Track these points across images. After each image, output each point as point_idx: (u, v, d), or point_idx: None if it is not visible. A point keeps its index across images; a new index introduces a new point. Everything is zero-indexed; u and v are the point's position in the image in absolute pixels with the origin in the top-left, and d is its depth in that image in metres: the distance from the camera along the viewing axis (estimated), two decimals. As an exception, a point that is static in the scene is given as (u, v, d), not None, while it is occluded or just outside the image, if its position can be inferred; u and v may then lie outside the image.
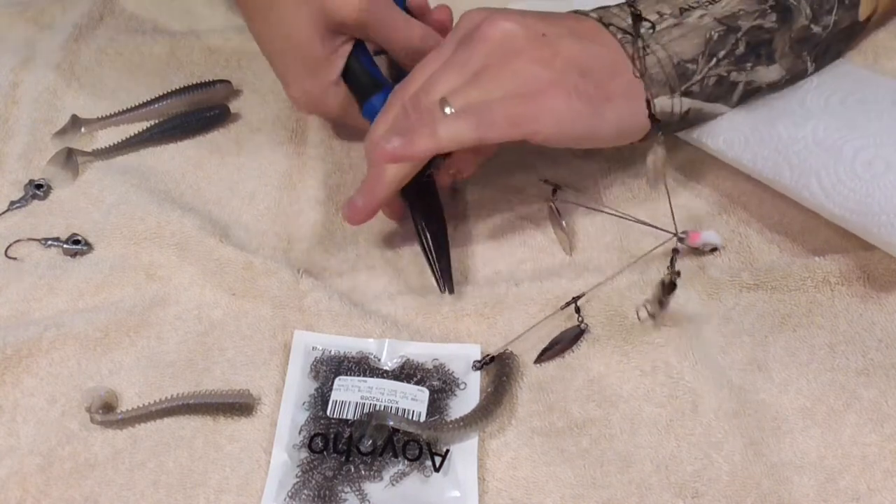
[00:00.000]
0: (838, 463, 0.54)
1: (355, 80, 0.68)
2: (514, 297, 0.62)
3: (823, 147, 0.61)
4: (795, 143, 0.63)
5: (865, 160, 0.60)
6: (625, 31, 0.63)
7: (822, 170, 0.61)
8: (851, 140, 0.61)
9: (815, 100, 0.66)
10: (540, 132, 0.59)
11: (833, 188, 0.61)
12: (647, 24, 0.63)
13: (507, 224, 0.68)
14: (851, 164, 0.60)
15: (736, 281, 0.63)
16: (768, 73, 0.66)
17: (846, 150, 0.61)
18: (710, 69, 0.64)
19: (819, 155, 0.62)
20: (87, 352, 0.60)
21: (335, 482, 0.53)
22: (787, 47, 0.66)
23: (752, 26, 0.64)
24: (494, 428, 0.56)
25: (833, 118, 0.63)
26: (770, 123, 0.64)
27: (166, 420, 0.57)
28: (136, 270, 0.64)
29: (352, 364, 0.59)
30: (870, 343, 0.59)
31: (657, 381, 0.58)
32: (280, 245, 0.67)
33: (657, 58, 0.62)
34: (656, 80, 0.62)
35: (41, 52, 0.81)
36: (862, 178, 0.59)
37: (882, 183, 0.59)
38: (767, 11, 0.65)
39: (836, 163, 0.61)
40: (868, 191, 0.59)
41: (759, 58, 0.65)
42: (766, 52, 0.65)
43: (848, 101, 0.65)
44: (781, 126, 0.64)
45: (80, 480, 0.54)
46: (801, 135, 0.63)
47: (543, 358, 0.59)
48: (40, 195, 0.70)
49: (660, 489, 0.53)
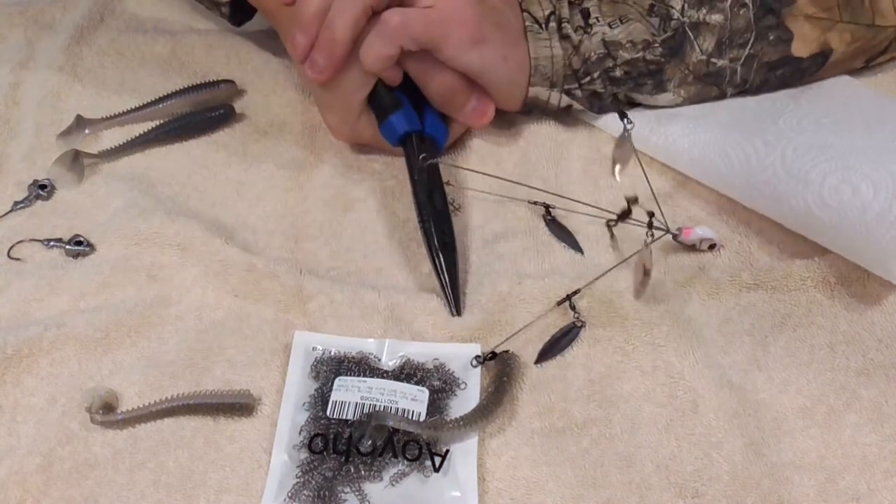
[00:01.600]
0: (838, 463, 0.54)
1: (374, 99, 0.68)
2: (516, 296, 0.62)
3: (791, 174, 0.62)
4: (764, 171, 0.63)
5: (833, 185, 0.60)
6: (536, 20, 0.68)
7: (791, 199, 0.62)
8: (819, 164, 0.61)
9: (787, 121, 0.66)
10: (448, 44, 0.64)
11: (805, 217, 0.61)
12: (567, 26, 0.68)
13: (507, 223, 0.68)
14: (819, 192, 0.60)
15: (736, 281, 0.63)
16: (658, 99, 0.70)
17: (813, 176, 0.61)
18: (584, 84, 0.69)
19: (788, 182, 0.62)
20: (88, 352, 0.60)
21: (335, 482, 0.53)
22: (689, 78, 0.69)
23: (632, 58, 0.68)
24: (494, 428, 0.56)
25: (804, 138, 0.63)
26: (741, 146, 0.65)
27: (166, 420, 0.57)
28: (137, 271, 0.64)
29: (352, 364, 0.59)
30: (870, 343, 0.59)
31: (657, 381, 0.58)
32: (286, 246, 0.67)
33: (551, 53, 0.68)
34: (541, 72, 0.68)
35: (42, 52, 0.81)
36: (829, 206, 0.60)
37: (849, 211, 0.59)
38: (655, 45, 0.68)
39: (804, 191, 0.61)
40: (836, 221, 0.60)
41: (641, 86, 0.69)
42: (654, 81, 0.69)
43: (823, 122, 0.65)
44: (751, 148, 0.64)
45: (80, 480, 0.54)
46: (769, 160, 0.63)
47: (543, 358, 0.59)
48: (44, 196, 0.70)
49: (660, 489, 0.53)
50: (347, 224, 0.68)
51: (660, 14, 0.68)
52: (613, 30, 0.67)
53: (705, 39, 0.68)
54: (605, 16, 0.68)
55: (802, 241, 0.64)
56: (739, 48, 0.69)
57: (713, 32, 0.68)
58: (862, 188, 0.59)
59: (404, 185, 0.69)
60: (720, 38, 0.68)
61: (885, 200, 0.58)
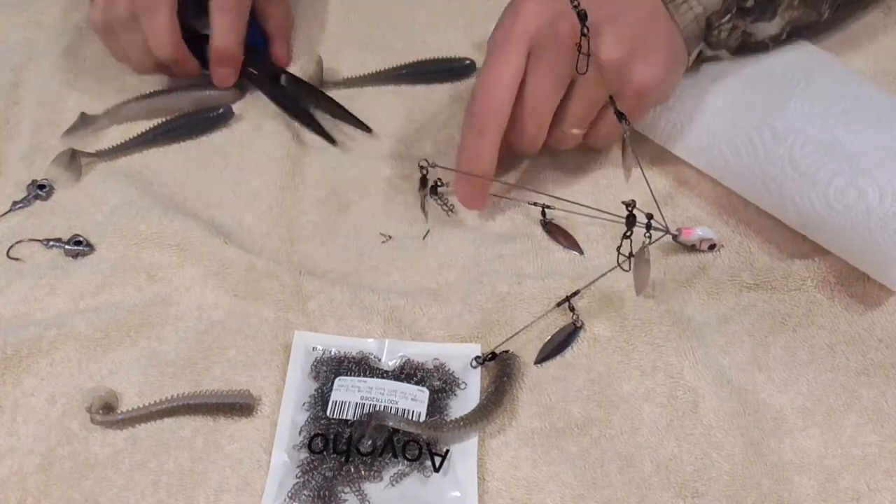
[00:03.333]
0: (838, 463, 0.54)
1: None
2: (516, 297, 0.62)
3: (799, 171, 0.62)
4: (772, 165, 0.63)
5: (839, 188, 0.60)
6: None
7: (797, 196, 0.61)
8: (827, 164, 0.61)
9: (798, 105, 0.65)
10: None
11: (808, 217, 0.61)
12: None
13: (506, 223, 0.68)
14: (825, 193, 0.60)
15: (736, 281, 0.63)
16: (770, 27, 0.68)
17: (820, 176, 0.61)
18: (722, 25, 0.66)
19: (795, 180, 0.62)
20: (88, 352, 0.60)
21: (335, 483, 0.53)
22: (795, 1, 0.68)
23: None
24: (494, 428, 0.56)
25: (814, 131, 0.63)
26: (749, 137, 0.65)
27: (166, 420, 0.57)
28: (137, 271, 0.64)
29: (352, 364, 0.59)
30: (870, 343, 0.59)
31: (657, 381, 0.58)
32: (283, 246, 0.67)
33: (694, 14, 0.65)
34: (692, 37, 0.66)
35: (42, 52, 0.81)
36: (834, 209, 0.60)
37: (852, 214, 0.59)
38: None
39: (810, 190, 0.61)
40: (840, 223, 0.59)
41: (763, 13, 0.67)
42: (772, 7, 0.67)
43: (833, 111, 0.63)
44: (759, 140, 0.64)
45: (80, 480, 0.54)
46: (778, 153, 0.63)
47: (543, 359, 0.59)
48: (43, 196, 0.70)
49: (660, 489, 0.53)
50: (343, 224, 0.68)
51: None
52: None
53: None
54: None
55: (802, 242, 0.64)
56: None
57: None
58: (868, 192, 0.59)
59: (402, 184, 0.70)
60: None
61: (889, 206, 0.58)
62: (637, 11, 0.64)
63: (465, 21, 0.84)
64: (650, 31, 0.64)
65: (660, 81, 0.64)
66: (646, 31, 0.64)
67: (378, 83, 0.79)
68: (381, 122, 0.75)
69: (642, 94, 0.64)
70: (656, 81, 0.64)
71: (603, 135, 0.67)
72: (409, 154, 0.72)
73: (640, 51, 0.63)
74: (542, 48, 0.62)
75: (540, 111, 0.64)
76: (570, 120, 0.65)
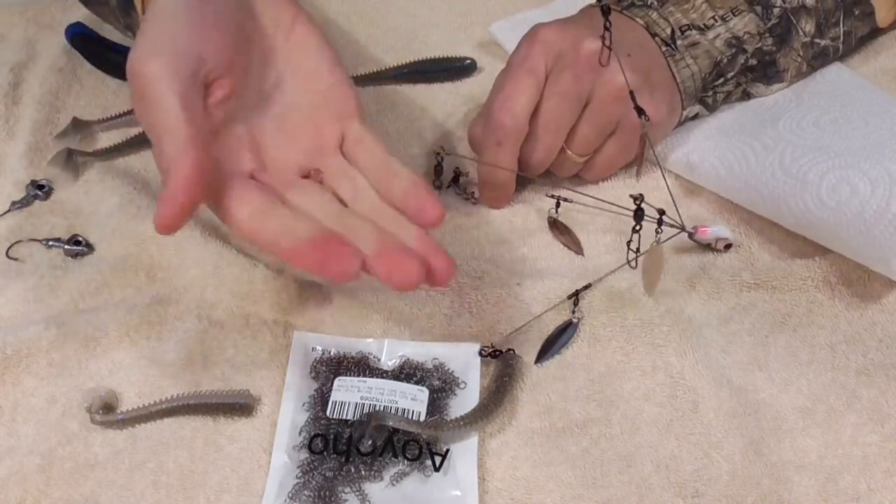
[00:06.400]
0: (838, 463, 0.54)
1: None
2: (516, 297, 0.62)
3: (790, 175, 0.62)
4: (763, 172, 0.63)
5: (830, 185, 0.60)
6: (665, 41, 0.67)
7: (790, 199, 0.62)
8: (818, 163, 0.61)
9: (787, 122, 0.66)
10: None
11: (804, 218, 0.61)
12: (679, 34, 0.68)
13: (508, 222, 0.68)
14: (817, 192, 0.60)
15: (736, 281, 0.63)
16: (772, 88, 0.71)
17: (811, 176, 0.61)
18: (718, 87, 0.69)
19: (786, 182, 0.62)
20: (88, 352, 0.60)
21: (335, 483, 0.53)
22: (803, 66, 0.71)
23: (755, 48, 0.69)
24: (494, 428, 0.56)
25: (802, 141, 0.63)
26: (740, 150, 0.65)
27: (166, 420, 0.57)
28: (136, 271, 0.64)
29: (351, 364, 0.59)
30: (870, 343, 0.59)
31: (657, 381, 0.58)
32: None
33: (691, 71, 0.68)
34: (688, 93, 0.68)
35: (42, 52, 0.81)
36: (828, 206, 0.60)
37: (847, 209, 0.59)
38: (765, 34, 0.69)
39: (803, 191, 0.61)
40: (835, 219, 0.60)
41: (764, 76, 0.70)
42: (772, 70, 0.70)
43: (822, 122, 0.65)
44: (750, 151, 0.65)
45: (80, 480, 0.54)
46: (768, 161, 0.63)
47: (543, 356, 0.59)
48: (42, 196, 0.70)
49: (660, 489, 0.53)
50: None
51: (761, 2, 0.69)
52: (728, 23, 0.68)
53: (806, 23, 0.70)
54: (716, 8, 0.68)
55: (803, 241, 0.64)
56: (834, 27, 0.71)
57: (811, 15, 0.70)
58: (860, 186, 0.59)
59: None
60: (818, 21, 0.70)
61: (882, 197, 0.58)
62: (646, 52, 0.66)
63: (466, 21, 0.85)
64: (656, 72, 0.66)
65: (663, 117, 0.66)
66: (653, 70, 0.66)
67: (378, 82, 0.79)
68: (381, 121, 0.75)
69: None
70: (660, 116, 0.66)
71: (599, 166, 0.68)
72: (409, 153, 0.72)
73: (649, 85, 0.65)
74: (562, 68, 0.63)
75: (554, 130, 0.65)
76: (576, 144, 0.66)
